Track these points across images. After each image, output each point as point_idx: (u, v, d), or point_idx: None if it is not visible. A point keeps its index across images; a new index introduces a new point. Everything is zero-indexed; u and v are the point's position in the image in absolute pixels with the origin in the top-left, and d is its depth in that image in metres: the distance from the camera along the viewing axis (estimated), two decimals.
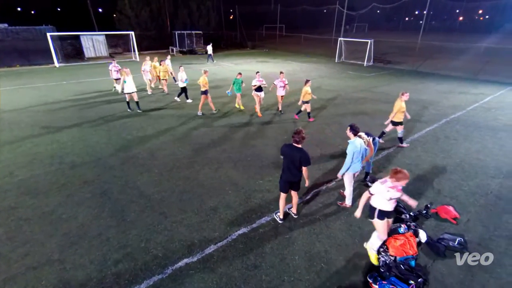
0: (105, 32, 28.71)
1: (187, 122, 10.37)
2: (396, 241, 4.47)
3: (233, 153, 8.02)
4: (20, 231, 5.03)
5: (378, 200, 4.22)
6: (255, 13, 53.27)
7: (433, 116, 11.10)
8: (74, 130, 9.68)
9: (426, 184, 6.51)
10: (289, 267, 4.32)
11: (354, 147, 5.16)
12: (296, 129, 4.72)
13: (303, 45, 37.68)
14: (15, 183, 6.51)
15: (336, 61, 26.48)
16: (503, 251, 4.62)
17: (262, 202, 5.85)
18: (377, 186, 4.15)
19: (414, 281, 3.90)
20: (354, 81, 17.94)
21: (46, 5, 50.96)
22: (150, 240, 4.84)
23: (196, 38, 33.32)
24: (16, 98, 13.63)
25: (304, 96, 9.93)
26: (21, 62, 23.55)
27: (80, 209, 5.63)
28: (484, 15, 70.45)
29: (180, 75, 12.07)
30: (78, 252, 4.59)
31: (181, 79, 12.08)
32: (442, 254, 4.50)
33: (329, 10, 40.61)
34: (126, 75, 10.90)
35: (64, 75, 19.69)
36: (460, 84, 16.91)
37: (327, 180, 6.69)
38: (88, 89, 15.51)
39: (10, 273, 4.19)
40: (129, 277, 4.14)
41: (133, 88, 11.14)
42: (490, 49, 28.76)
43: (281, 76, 10.76)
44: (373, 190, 4.21)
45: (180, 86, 12.44)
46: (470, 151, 8.13)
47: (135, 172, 7.00)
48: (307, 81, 9.98)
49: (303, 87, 9.93)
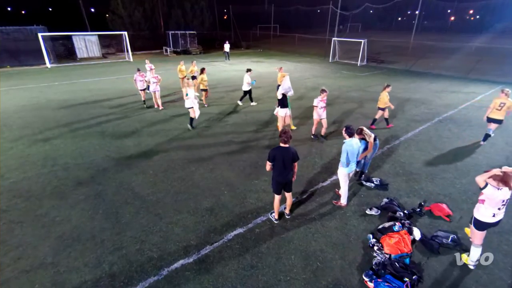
0: (97, 32, 28.43)
1: (181, 123, 10.31)
2: (391, 239, 4.51)
3: (228, 153, 8.00)
4: (12, 234, 4.95)
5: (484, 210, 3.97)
6: (249, 13, 53.20)
7: (426, 115, 11.22)
8: (66, 131, 9.56)
9: (420, 182, 6.58)
10: (285, 266, 4.33)
11: (348, 146, 5.20)
12: (282, 129, 4.80)
13: (297, 45, 37.77)
14: (7, 186, 6.41)
15: (330, 61, 26.60)
16: (495, 247, 4.70)
17: (257, 202, 5.85)
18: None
19: (409, 279, 3.94)
20: (348, 80, 18.05)
21: (37, 5, 50.22)
22: (145, 241, 4.80)
23: (190, 38, 33.14)
24: (7, 99, 13.41)
25: (383, 102, 9.20)
26: (12, 63, 23.18)
27: (73, 211, 5.56)
28: (474, 15, 71.50)
29: (245, 77, 11.68)
30: (72, 254, 4.53)
31: (247, 81, 11.68)
32: (436, 251, 4.56)
33: (322, 10, 40.77)
34: (188, 86, 9.27)
35: (56, 76, 19.44)
36: (452, 83, 17.14)
37: (322, 179, 6.72)
38: (80, 90, 15.32)
39: (3, 277, 4.12)
40: (124, 279, 4.10)
41: (193, 102, 9.39)
42: (481, 48, 29.24)
43: (322, 94, 8.37)
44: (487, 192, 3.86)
45: (244, 89, 11.98)
46: (463, 149, 8.25)
47: (130, 173, 6.95)
48: (387, 86, 9.19)
49: (382, 92, 9.20)
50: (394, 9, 59.42)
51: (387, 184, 6.44)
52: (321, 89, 8.40)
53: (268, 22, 45.73)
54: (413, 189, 6.33)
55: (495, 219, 3.97)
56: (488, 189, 3.82)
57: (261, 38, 45.31)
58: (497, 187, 3.77)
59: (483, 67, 21.57)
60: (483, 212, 3.98)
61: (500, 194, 3.77)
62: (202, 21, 39.75)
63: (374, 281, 3.96)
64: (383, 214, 5.46)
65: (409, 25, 42.44)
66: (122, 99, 13.36)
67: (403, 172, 7.01)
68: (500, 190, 3.76)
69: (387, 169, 7.17)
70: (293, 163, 4.79)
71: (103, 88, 15.42)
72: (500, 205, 3.87)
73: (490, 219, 3.97)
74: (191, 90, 9.15)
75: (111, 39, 31.00)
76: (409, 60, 23.75)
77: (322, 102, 8.38)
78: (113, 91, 14.95)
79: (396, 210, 5.41)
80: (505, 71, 19.47)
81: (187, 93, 9.10)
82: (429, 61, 24.99)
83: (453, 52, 28.33)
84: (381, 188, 6.30)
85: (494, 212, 3.92)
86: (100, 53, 29.29)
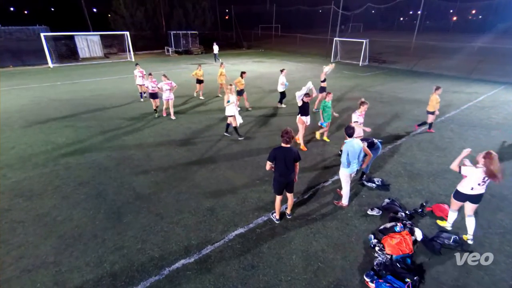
0: (99, 32, 28.49)
1: (183, 124, 10.32)
2: (392, 239, 4.50)
3: (230, 153, 8.00)
4: (14, 233, 4.97)
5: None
6: (251, 13, 53.22)
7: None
8: (68, 131, 9.59)
9: (422, 183, 6.56)
10: (287, 266, 4.33)
11: (349, 146, 5.19)
12: (284, 129, 4.74)
13: (299, 45, 37.74)
14: (9, 185, 6.43)
15: (331, 61, 26.56)
16: (497, 248, 4.67)
17: (259, 202, 5.85)
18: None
19: (410, 279, 3.93)
20: (350, 80, 18.02)
21: (39, 5, 50.38)
22: (147, 241, 4.81)
23: (191, 38, 33.17)
24: (9, 99, 13.46)
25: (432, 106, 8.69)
26: (14, 63, 23.26)
27: (75, 210, 5.57)
28: (477, 15, 71.25)
29: (280, 78, 11.40)
30: (74, 254, 4.54)
31: (281, 82, 11.43)
32: (437, 252, 4.54)
33: (324, 10, 40.71)
34: (230, 92, 8.41)
35: (58, 75, 19.50)
36: (454, 83, 17.08)
37: (324, 179, 6.71)
38: (82, 89, 15.36)
39: (4, 277, 4.13)
40: (126, 279, 4.11)
41: (235, 110, 8.56)
42: (483, 48, 29.10)
43: (362, 107, 7.01)
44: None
45: (279, 90, 11.71)
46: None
47: (131, 173, 6.96)
48: (437, 88, 8.65)
49: (432, 95, 8.73)
50: (396, 9, 59.29)
51: (389, 185, 6.42)
52: (360, 101, 7.07)
53: (269, 22, 45.72)
54: (414, 189, 6.31)
55: (473, 192, 4.52)
56: (463, 170, 4.50)
57: (263, 38, 45.31)
58: (476, 166, 4.42)
59: (485, 67, 21.48)
60: (463, 184, 4.60)
61: (477, 172, 4.37)
62: (204, 21, 39.77)
63: (375, 282, 3.95)
64: (384, 214, 5.45)
65: (411, 25, 42.40)
66: (123, 99, 13.38)
67: (404, 173, 6.99)
68: (478, 169, 4.37)
69: (389, 169, 7.16)
70: (294, 163, 4.78)
71: (105, 88, 15.45)
72: (480, 181, 4.40)
73: (468, 191, 4.55)
74: (233, 97, 8.41)
75: (113, 39, 31.07)
76: (411, 60, 23.71)
77: (361, 117, 7.10)
78: (115, 91, 14.99)
79: (397, 211, 5.39)
80: (507, 71, 19.37)
81: (229, 100, 8.32)
82: (431, 61, 24.91)
83: (455, 52, 28.22)
84: (383, 189, 6.29)
85: (472, 186, 4.48)
86: (102, 53, 29.35)
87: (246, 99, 11.80)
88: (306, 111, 7.78)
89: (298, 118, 7.97)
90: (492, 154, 4.24)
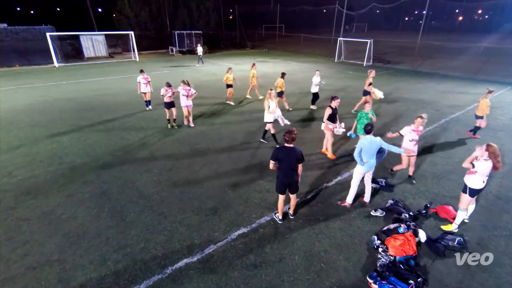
0: (104, 32, 28.70)
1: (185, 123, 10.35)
2: (396, 241, 4.47)
3: (233, 153, 8.01)
4: (19, 231, 5.03)
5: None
6: (255, 13, 53.33)
7: (433, 116, 11.08)
8: (73, 130, 9.68)
9: (426, 184, 6.52)
10: (289, 266, 4.32)
11: (364, 143, 5.21)
12: (288, 129, 4.74)
13: (303, 45, 37.68)
14: (14, 183, 6.50)
15: (335, 61, 26.48)
16: (502, 250, 4.63)
17: (261, 202, 5.85)
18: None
19: (413, 281, 3.90)
20: (354, 81, 17.94)
21: (45, 5, 50.89)
22: (150, 240, 4.83)
23: (195, 38, 33.28)
24: (15, 98, 13.62)
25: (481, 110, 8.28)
26: (21, 62, 23.54)
27: (79, 209, 5.62)
28: (483, 15, 70.62)
29: (314, 79, 11.45)
30: (78, 252, 4.58)
31: (315, 83, 11.43)
32: (441, 254, 4.50)
33: (328, 10, 40.66)
34: (270, 98, 7.83)
35: (64, 75, 19.67)
36: (460, 84, 16.92)
37: (327, 180, 6.69)
38: (87, 89, 15.49)
39: (10, 274, 4.18)
40: (129, 277, 4.14)
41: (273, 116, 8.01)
42: (489, 49, 28.82)
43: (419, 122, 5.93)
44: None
45: (312, 91, 11.70)
46: (470, 151, 8.10)
47: (135, 172, 7.00)
48: (489, 92, 8.14)
49: (482, 99, 8.28)
50: (400, 9, 58.90)
51: (393, 186, 6.39)
52: (418, 115, 6.01)
53: (273, 22, 45.74)
54: (418, 190, 6.27)
55: (484, 184, 4.72)
56: (477, 166, 4.60)
57: (267, 38, 45.36)
58: (487, 158, 4.53)
59: (491, 68, 21.26)
60: (476, 180, 4.69)
61: (488, 164, 4.51)
62: (208, 21, 39.86)
63: (379, 283, 3.93)
64: (388, 215, 5.42)
65: (416, 25, 42.10)
66: (128, 98, 13.46)
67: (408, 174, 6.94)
68: (487, 161, 4.53)
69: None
70: (297, 164, 4.75)
71: (110, 88, 15.55)
72: (488, 173, 4.60)
73: (482, 185, 4.70)
74: (273, 103, 7.85)
75: (118, 39, 31.27)
76: (416, 61, 23.55)
77: (414, 133, 5.98)
78: (119, 91, 15.08)
79: (401, 212, 5.36)
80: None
81: (269, 106, 7.80)
82: (436, 61, 24.72)
83: (460, 53, 27.98)
84: (387, 190, 6.25)
85: (483, 179, 4.66)
86: (107, 52, 29.59)
87: (284, 100, 11.64)
88: (334, 118, 7.20)
89: (324, 126, 7.35)
90: (492, 144, 4.51)
